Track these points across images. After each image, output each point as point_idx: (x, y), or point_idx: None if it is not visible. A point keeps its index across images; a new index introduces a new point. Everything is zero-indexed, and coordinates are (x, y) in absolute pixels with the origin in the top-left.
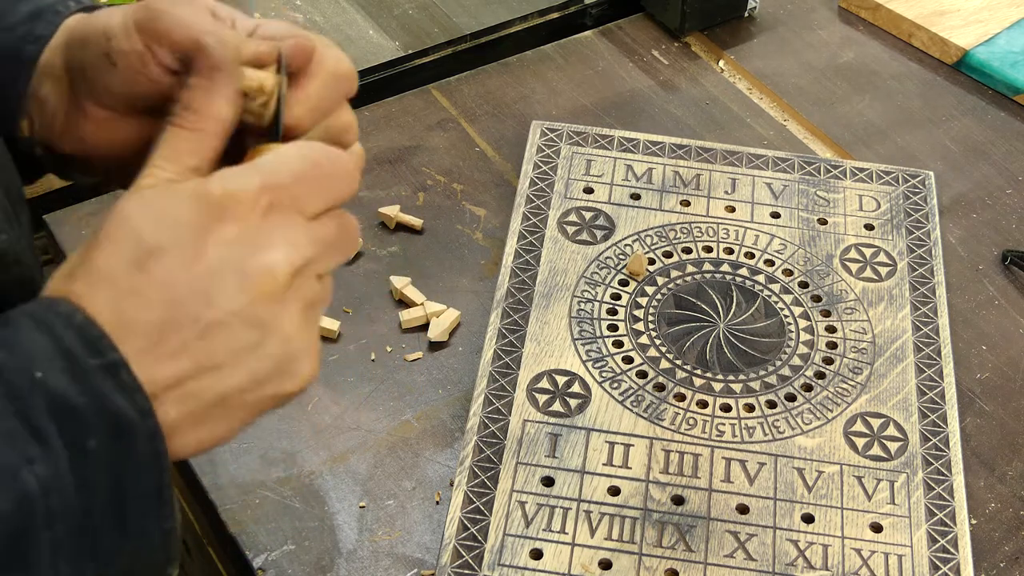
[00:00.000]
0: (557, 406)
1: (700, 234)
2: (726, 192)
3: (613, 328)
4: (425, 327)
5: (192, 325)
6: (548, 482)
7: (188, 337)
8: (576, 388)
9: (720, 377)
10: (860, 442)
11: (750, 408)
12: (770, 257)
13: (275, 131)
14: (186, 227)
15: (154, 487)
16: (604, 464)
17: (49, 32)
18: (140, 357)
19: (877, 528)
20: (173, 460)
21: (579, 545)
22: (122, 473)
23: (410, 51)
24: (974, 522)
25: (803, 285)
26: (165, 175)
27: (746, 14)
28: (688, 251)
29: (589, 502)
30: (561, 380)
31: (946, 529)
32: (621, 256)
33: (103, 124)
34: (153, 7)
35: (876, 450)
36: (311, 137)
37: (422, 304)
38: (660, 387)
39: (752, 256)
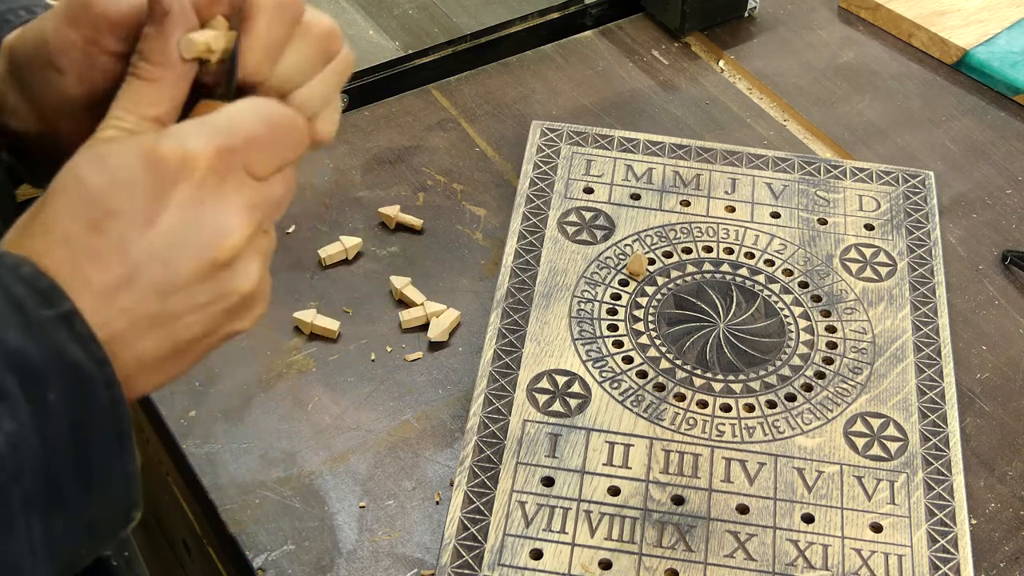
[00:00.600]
0: (557, 406)
1: (700, 234)
2: (726, 192)
3: (613, 328)
4: (425, 327)
5: (150, 288)
6: (548, 482)
7: (146, 298)
8: (576, 388)
9: (720, 377)
10: (860, 442)
11: (750, 408)
12: (770, 257)
13: (228, 90)
14: (140, 188)
15: (114, 433)
16: (604, 464)
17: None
18: (97, 310)
19: (877, 528)
20: (129, 400)
21: (579, 545)
22: (83, 422)
23: (410, 51)
24: (974, 522)
25: (803, 285)
26: (125, 125)
27: (746, 14)
28: (688, 251)
29: (589, 502)
30: (561, 380)
31: (946, 529)
32: (621, 256)
33: (71, 125)
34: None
35: (876, 450)
36: (301, 53)
37: (422, 304)
38: (660, 387)
39: (752, 256)
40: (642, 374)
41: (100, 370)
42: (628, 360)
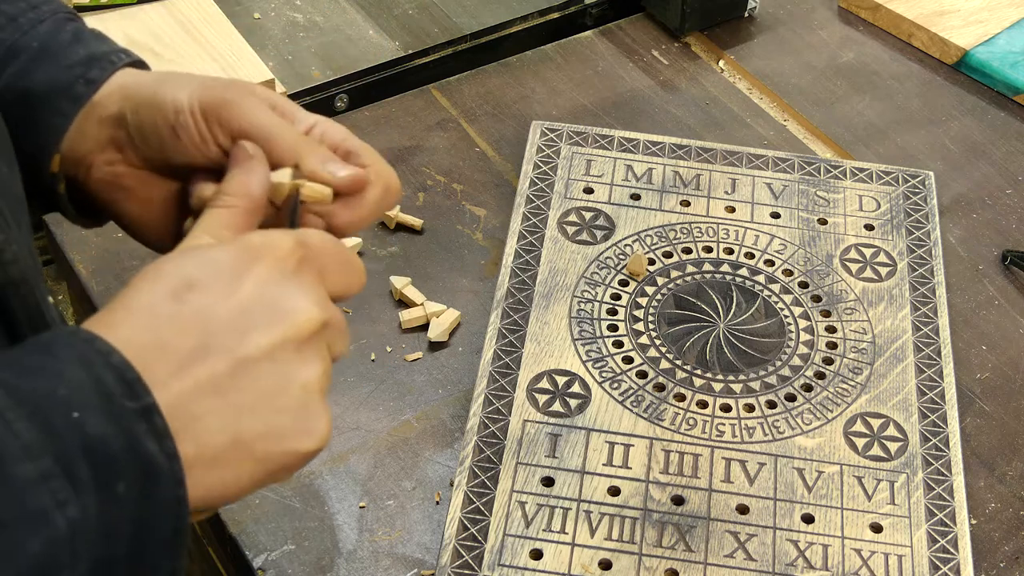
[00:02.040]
0: (557, 406)
1: (700, 234)
2: (726, 192)
3: (613, 328)
4: (425, 327)
5: (223, 357)
6: (548, 482)
7: (218, 368)
8: (576, 388)
9: (720, 377)
10: (860, 442)
11: (750, 408)
12: (770, 257)
13: (290, 223)
14: (224, 265)
15: (171, 529)
16: (604, 464)
17: (102, 78)
18: (169, 381)
19: (877, 528)
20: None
21: (579, 545)
22: (145, 516)
23: (410, 51)
24: (974, 522)
25: (803, 285)
26: (203, 241)
27: (746, 14)
28: (688, 251)
29: (589, 502)
30: (561, 380)
31: (946, 529)
32: (621, 256)
33: (140, 175)
34: (221, 94)
35: (876, 450)
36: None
37: (422, 304)
38: (660, 387)
39: (752, 256)
40: (642, 374)
41: (170, 465)
42: (628, 360)
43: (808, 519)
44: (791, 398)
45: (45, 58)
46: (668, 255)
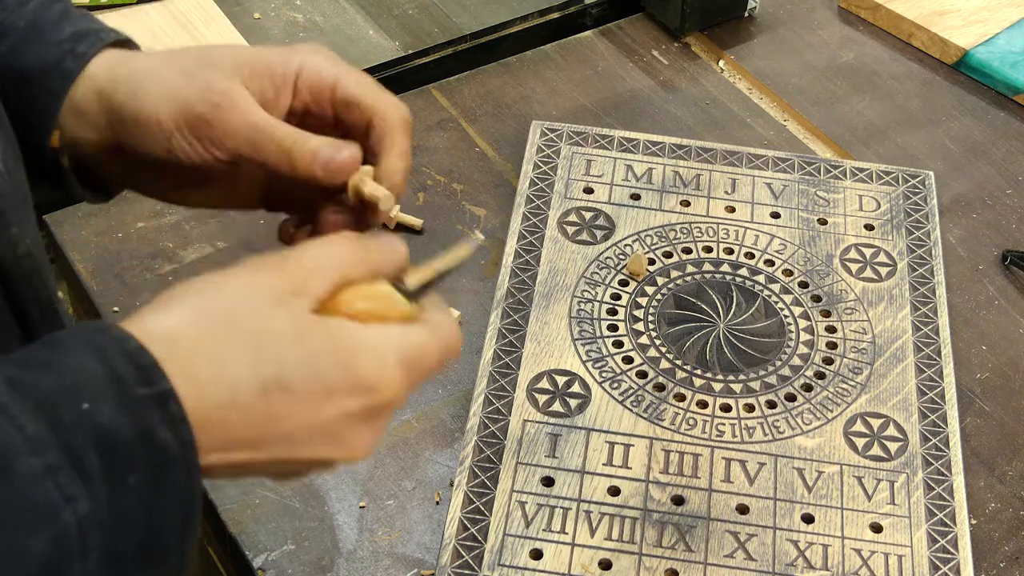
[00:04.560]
0: (557, 406)
1: (700, 234)
2: (726, 192)
3: (613, 328)
4: None
5: (266, 454)
6: (548, 482)
7: (257, 459)
8: (576, 388)
9: (720, 377)
10: (860, 442)
11: (750, 408)
12: (770, 257)
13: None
14: (325, 381)
15: (182, 516)
16: (604, 464)
17: (91, 52)
18: (211, 453)
19: (877, 528)
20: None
21: (579, 545)
22: (156, 505)
23: (410, 51)
24: (974, 522)
25: (803, 285)
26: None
27: (746, 14)
28: (688, 251)
29: (589, 502)
30: (561, 380)
31: (946, 529)
32: (621, 256)
33: (144, 167)
34: (199, 114)
35: (876, 450)
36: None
37: None
38: (660, 387)
39: (752, 256)
40: (642, 374)
41: (184, 454)
42: (628, 360)
43: (808, 519)
44: (791, 398)
45: (34, 37)
46: (668, 255)
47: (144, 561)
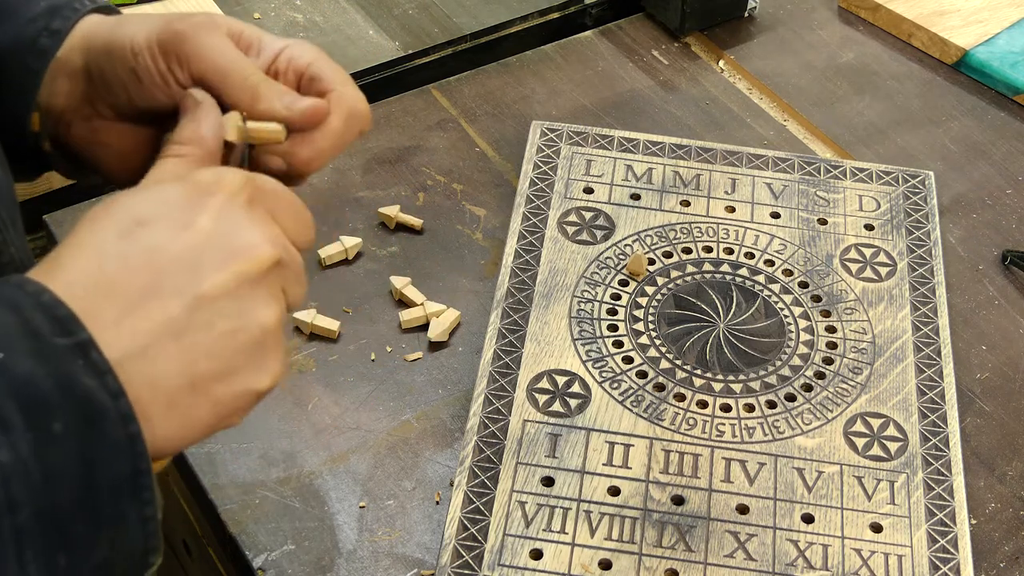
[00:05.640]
0: (557, 406)
1: (700, 234)
2: (726, 192)
3: (613, 328)
4: (425, 327)
5: (178, 296)
6: (548, 482)
7: (173, 309)
8: (576, 388)
9: (720, 377)
10: (860, 442)
11: (750, 408)
12: (770, 257)
13: (241, 167)
14: (175, 200)
15: (129, 471)
16: (604, 464)
17: (66, 27)
18: (120, 321)
19: (877, 528)
20: (152, 450)
21: (579, 545)
22: (93, 458)
23: (410, 51)
24: (974, 522)
25: (803, 285)
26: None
27: (746, 14)
28: (688, 251)
29: (589, 502)
30: (561, 380)
31: (946, 529)
32: (621, 256)
33: (115, 127)
34: (177, 30)
35: (876, 450)
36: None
37: (422, 304)
38: (660, 387)
39: (752, 256)
40: (642, 374)
41: (114, 403)
42: (628, 360)
43: (808, 519)
44: (791, 398)
45: (6, 16)
46: (668, 255)
47: (92, 523)
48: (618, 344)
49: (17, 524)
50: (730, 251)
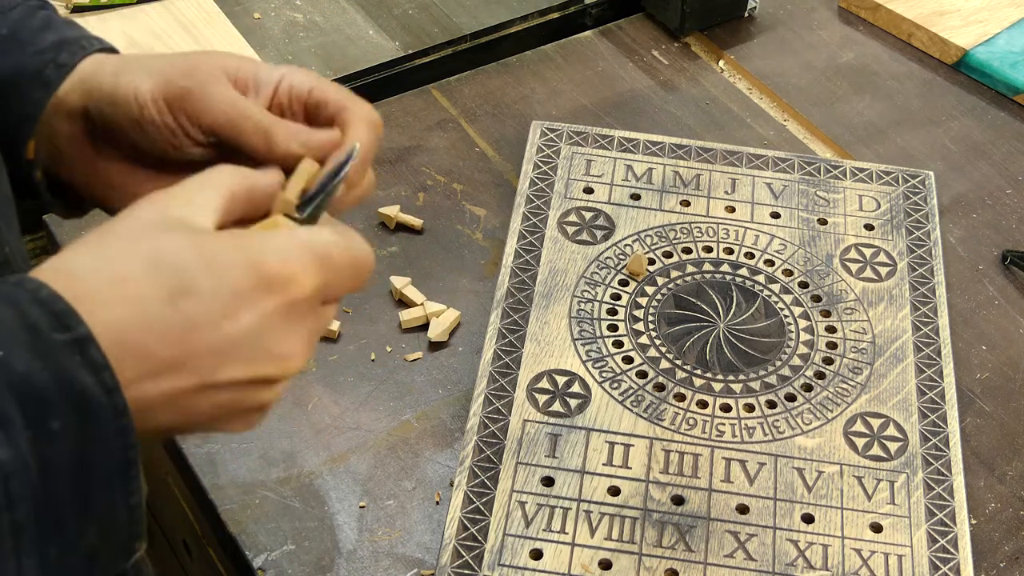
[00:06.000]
0: (557, 406)
1: (700, 234)
2: (726, 192)
3: (613, 328)
4: (425, 327)
5: (194, 377)
6: (548, 482)
7: (185, 386)
8: (576, 388)
9: (720, 377)
10: (860, 442)
11: (750, 408)
12: (770, 257)
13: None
14: (231, 282)
15: (119, 463)
16: (604, 464)
17: (72, 62)
18: (136, 383)
19: (877, 528)
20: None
21: (579, 545)
22: (86, 451)
23: (410, 51)
24: (974, 522)
25: (803, 285)
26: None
27: (746, 14)
28: (688, 251)
29: (589, 502)
30: (561, 380)
31: (946, 529)
32: (621, 256)
33: (121, 168)
34: (184, 87)
35: (876, 450)
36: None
37: (422, 304)
38: (660, 387)
39: (752, 256)
40: (642, 374)
41: (109, 398)
42: (628, 360)
43: (808, 519)
44: (791, 398)
45: (14, 45)
46: (668, 255)
47: (82, 513)
48: (618, 344)
49: (15, 520)
50: (730, 251)
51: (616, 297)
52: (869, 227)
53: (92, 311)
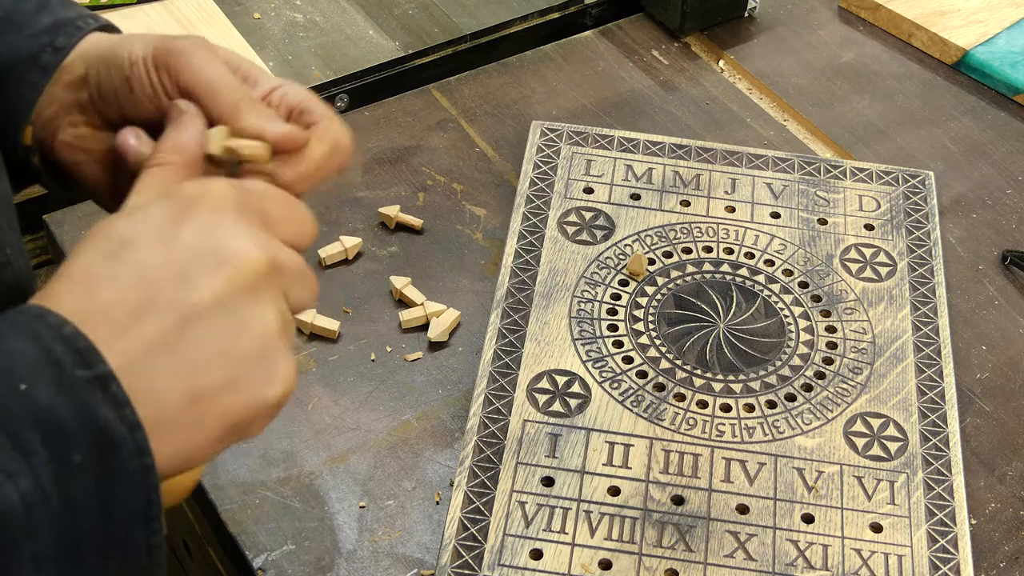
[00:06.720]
0: (557, 406)
1: (700, 234)
2: (726, 192)
3: (613, 328)
4: (425, 327)
5: (169, 310)
6: (548, 482)
7: (165, 324)
8: (576, 388)
9: (720, 377)
10: (860, 442)
11: (750, 408)
12: (770, 257)
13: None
14: (159, 217)
15: (142, 502)
16: (604, 464)
17: (69, 44)
18: (115, 343)
19: (877, 528)
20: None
21: (579, 545)
22: (109, 488)
23: (410, 51)
24: (974, 522)
25: (803, 285)
26: (140, 201)
27: (746, 14)
28: (688, 251)
29: (589, 502)
30: (561, 380)
31: (946, 529)
32: (621, 256)
33: (100, 136)
34: (172, 45)
35: (876, 450)
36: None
37: (422, 304)
38: (660, 387)
39: (752, 256)
40: (642, 374)
41: (131, 434)
42: (628, 360)
43: (808, 519)
44: (791, 398)
45: (8, 28)
46: (668, 255)
47: (103, 549)
48: (618, 344)
49: (36, 552)
50: (730, 251)
51: (616, 297)
52: (869, 227)
53: (56, 305)
